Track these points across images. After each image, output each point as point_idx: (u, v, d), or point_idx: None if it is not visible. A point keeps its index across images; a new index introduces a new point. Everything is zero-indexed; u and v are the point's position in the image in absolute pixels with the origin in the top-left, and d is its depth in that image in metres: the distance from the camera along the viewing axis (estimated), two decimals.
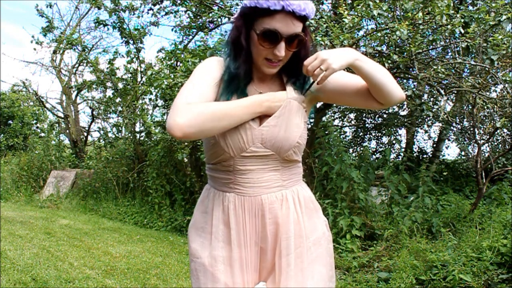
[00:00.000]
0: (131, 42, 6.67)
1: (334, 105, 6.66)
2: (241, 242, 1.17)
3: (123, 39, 6.67)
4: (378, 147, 7.62)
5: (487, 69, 3.68)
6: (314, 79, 1.09)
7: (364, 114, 7.50)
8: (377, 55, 4.29)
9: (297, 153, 1.19)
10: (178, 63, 6.08)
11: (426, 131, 7.17)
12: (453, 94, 5.29)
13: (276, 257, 1.17)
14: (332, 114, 7.45)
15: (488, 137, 5.04)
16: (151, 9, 6.75)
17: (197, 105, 1.05)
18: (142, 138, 7.16)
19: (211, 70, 1.16)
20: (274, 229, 1.17)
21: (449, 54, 4.67)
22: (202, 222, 1.23)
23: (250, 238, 1.17)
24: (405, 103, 6.55)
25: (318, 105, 5.33)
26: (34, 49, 10.71)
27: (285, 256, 1.15)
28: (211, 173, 1.24)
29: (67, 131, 10.01)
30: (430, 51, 4.32)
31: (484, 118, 5.38)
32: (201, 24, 6.62)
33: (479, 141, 4.31)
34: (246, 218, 1.17)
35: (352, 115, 7.75)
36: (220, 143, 1.12)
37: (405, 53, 3.89)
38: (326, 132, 4.60)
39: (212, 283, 1.15)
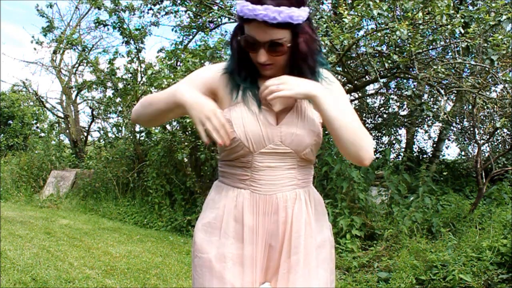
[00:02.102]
0: (132, 42, 6.67)
1: None
2: (253, 240, 1.16)
3: (124, 39, 6.67)
4: (378, 147, 7.62)
5: (487, 69, 3.68)
6: (265, 95, 1.08)
7: (364, 114, 7.50)
8: (377, 55, 4.30)
9: (314, 152, 1.20)
10: (179, 63, 6.08)
11: (426, 131, 7.18)
12: (453, 94, 5.29)
13: (284, 255, 1.16)
14: None
15: (488, 137, 5.05)
16: (151, 9, 6.76)
17: (147, 95, 1.18)
18: (142, 138, 7.15)
19: (202, 74, 1.21)
20: (285, 227, 1.17)
21: (449, 54, 4.68)
22: (210, 217, 1.21)
23: (262, 236, 1.17)
24: (405, 103, 6.56)
25: None
26: (34, 49, 10.68)
27: (295, 254, 1.15)
28: (227, 170, 1.23)
29: (67, 131, 10.01)
30: (430, 51, 4.32)
31: (484, 118, 5.38)
32: (201, 24, 6.63)
33: (479, 141, 4.32)
34: (260, 216, 1.16)
35: None
36: (240, 137, 1.13)
37: (405, 53, 3.89)
38: (326, 132, 4.59)
39: (218, 281, 1.14)
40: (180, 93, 1.09)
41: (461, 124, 6.15)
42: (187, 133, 5.61)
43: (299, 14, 1.04)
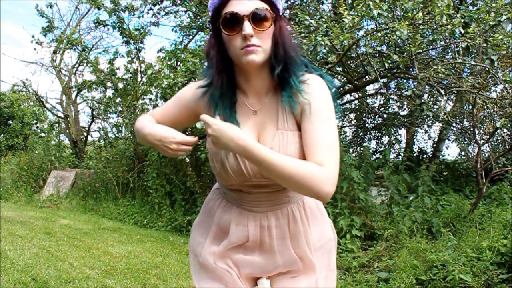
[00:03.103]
0: (132, 42, 6.67)
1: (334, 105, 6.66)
2: (239, 247, 1.18)
3: (123, 39, 6.67)
4: (378, 147, 7.62)
5: (487, 69, 3.68)
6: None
7: (364, 114, 7.51)
8: (377, 55, 4.29)
9: None
10: (179, 63, 6.08)
11: (426, 131, 7.18)
12: (453, 94, 5.29)
13: (285, 264, 1.18)
14: None
15: (488, 137, 5.04)
16: (151, 9, 6.76)
17: (145, 118, 1.25)
18: None
19: (183, 94, 1.23)
20: (281, 242, 1.18)
21: (449, 54, 4.67)
22: (205, 222, 1.26)
23: (254, 245, 1.18)
24: (405, 103, 6.55)
25: None
26: (34, 49, 10.73)
27: (295, 264, 1.17)
28: (220, 185, 1.26)
29: (67, 131, 10.01)
30: (430, 51, 4.32)
31: (484, 118, 5.38)
32: (201, 24, 6.63)
33: (479, 141, 4.31)
34: (251, 229, 1.17)
35: (352, 115, 7.77)
36: (223, 173, 1.12)
37: (405, 53, 3.89)
38: None
39: (213, 282, 1.17)
40: (147, 141, 1.15)
41: (461, 124, 6.14)
42: (187, 133, 5.61)
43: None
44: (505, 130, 5.13)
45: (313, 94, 1.08)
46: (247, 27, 1.02)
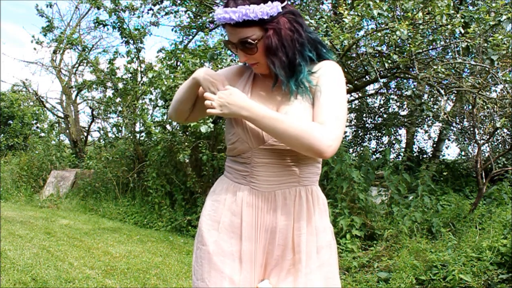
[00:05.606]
0: (131, 42, 6.67)
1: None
2: (251, 236, 1.17)
3: (123, 39, 6.67)
4: (378, 147, 7.63)
5: (487, 69, 3.68)
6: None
7: (364, 114, 7.51)
8: (377, 55, 4.30)
9: None
10: (178, 63, 6.08)
11: (426, 131, 7.19)
12: (453, 94, 5.30)
13: (287, 253, 1.17)
14: None
15: (488, 137, 5.04)
16: (151, 9, 6.76)
17: None
18: (142, 138, 7.15)
19: (224, 69, 1.35)
20: (285, 225, 1.17)
21: (449, 54, 4.67)
22: (211, 210, 1.24)
23: (261, 232, 1.17)
24: (405, 103, 6.56)
25: None
26: (34, 49, 10.70)
27: (298, 253, 1.16)
28: (230, 164, 1.26)
29: (67, 131, 10.01)
30: (430, 51, 4.32)
31: (484, 118, 5.38)
32: (201, 24, 6.63)
33: (479, 141, 4.32)
34: (259, 213, 1.17)
35: (352, 115, 7.77)
36: (239, 133, 1.17)
37: (405, 53, 3.89)
38: None
39: (216, 273, 1.15)
40: (195, 72, 1.20)
41: (461, 124, 6.15)
42: (187, 133, 5.61)
43: (261, 10, 1.06)
44: (505, 130, 5.14)
45: (322, 76, 1.16)
46: (240, 56, 1.15)
